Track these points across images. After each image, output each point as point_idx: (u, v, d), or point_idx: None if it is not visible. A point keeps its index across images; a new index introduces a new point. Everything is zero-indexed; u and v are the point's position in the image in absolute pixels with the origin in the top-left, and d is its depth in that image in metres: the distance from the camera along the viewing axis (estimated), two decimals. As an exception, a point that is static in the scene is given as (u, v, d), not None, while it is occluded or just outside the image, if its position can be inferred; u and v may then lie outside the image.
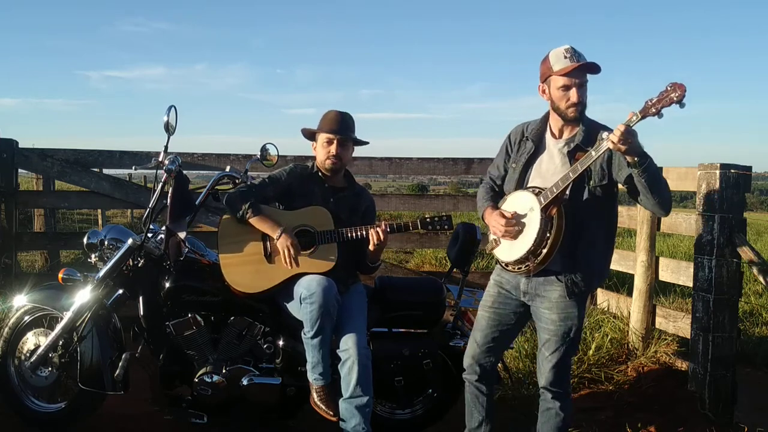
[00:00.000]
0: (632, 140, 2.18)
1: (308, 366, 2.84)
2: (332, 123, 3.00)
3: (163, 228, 3.04)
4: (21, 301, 3.14)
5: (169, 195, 2.89)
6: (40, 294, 3.15)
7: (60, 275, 3.04)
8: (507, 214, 2.50)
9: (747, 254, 3.29)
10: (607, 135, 2.25)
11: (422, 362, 3.05)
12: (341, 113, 3.02)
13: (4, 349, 3.14)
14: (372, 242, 2.88)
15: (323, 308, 2.72)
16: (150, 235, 3.01)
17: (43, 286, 3.23)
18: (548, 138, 2.57)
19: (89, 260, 3.17)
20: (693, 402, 3.43)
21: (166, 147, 2.92)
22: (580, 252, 2.46)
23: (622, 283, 5.09)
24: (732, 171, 3.34)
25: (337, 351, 2.81)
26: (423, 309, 3.12)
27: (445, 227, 2.97)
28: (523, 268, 2.48)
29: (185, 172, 3.05)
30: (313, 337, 2.77)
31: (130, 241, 2.96)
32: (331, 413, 2.81)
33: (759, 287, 6.22)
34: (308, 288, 2.76)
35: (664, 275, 4.06)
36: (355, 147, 3.11)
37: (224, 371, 2.94)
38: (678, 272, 3.93)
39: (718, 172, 3.34)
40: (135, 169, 5.20)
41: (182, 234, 2.94)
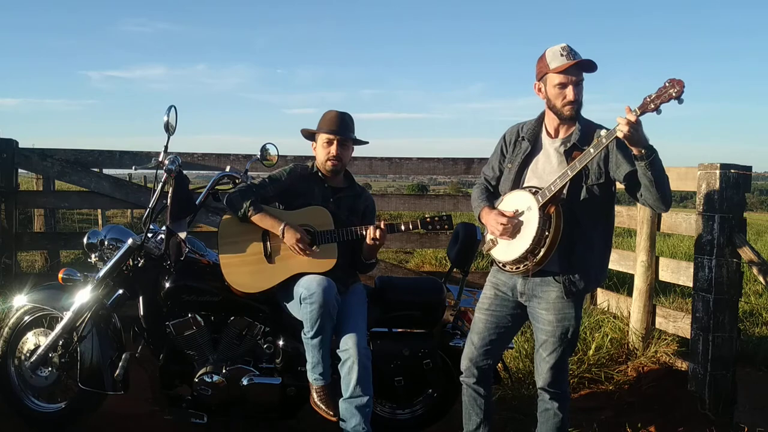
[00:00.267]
0: (640, 128, 2.18)
1: (308, 366, 2.84)
2: (332, 123, 3.00)
3: (163, 228, 3.04)
4: (21, 301, 3.14)
5: (169, 195, 2.89)
6: (40, 294, 3.15)
7: (60, 275, 3.04)
8: (506, 213, 2.50)
9: (747, 254, 3.29)
10: (606, 132, 2.25)
11: (422, 362, 3.05)
12: (340, 113, 3.02)
13: (4, 349, 3.14)
14: (369, 237, 2.87)
15: (323, 308, 2.72)
16: (150, 235, 3.01)
17: (43, 286, 3.23)
18: (544, 137, 2.56)
19: (89, 260, 3.17)
20: (693, 402, 3.43)
21: (166, 147, 2.92)
22: (578, 252, 2.46)
23: (622, 283, 5.09)
24: (732, 171, 3.34)
25: (337, 351, 2.81)
26: (423, 309, 3.11)
27: (445, 227, 2.97)
28: (521, 268, 2.47)
29: (185, 172, 3.05)
30: (313, 337, 2.77)
31: (130, 241, 2.96)
32: (331, 413, 2.81)
33: (759, 287, 6.22)
34: (308, 288, 2.76)
35: (664, 275, 4.06)
36: (355, 147, 3.12)
37: (224, 371, 2.94)
38: (678, 272, 3.93)
39: (718, 172, 3.35)
40: (135, 169, 5.19)
41: (183, 234, 2.94)
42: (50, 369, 3.05)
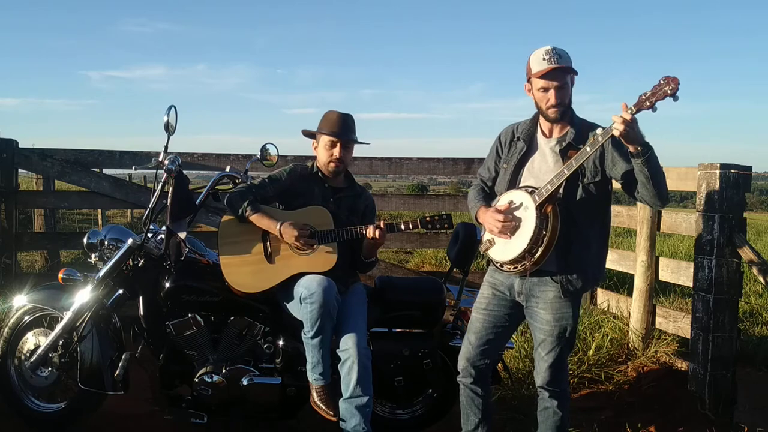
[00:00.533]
0: (636, 126, 2.18)
1: (308, 366, 2.84)
2: (335, 125, 2.99)
3: (164, 228, 3.04)
4: (21, 301, 3.14)
5: (170, 195, 2.89)
6: (40, 294, 3.15)
7: (60, 275, 3.04)
8: (502, 210, 2.50)
9: (747, 254, 3.29)
10: (602, 131, 2.25)
11: (422, 362, 3.05)
12: (343, 115, 3.01)
13: (4, 349, 3.14)
14: (368, 237, 2.87)
15: (323, 308, 2.72)
16: (150, 235, 3.01)
17: (43, 286, 3.23)
18: (539, 137, 2.56)
19: (89, 260, 3.17)
20: (693, 402, 3.42)
21: (166, 147, 2.92)
22: (575, 252, 2.46)
23: (622, 283, 5.09)
24: (732, 171, 3.34)
25: (337, 351, 2.81)
26: (423, 309, 3.11)
27: (445, 226, 2.97)
28: (519, 268, 2.47)
29: (185, 172, 3.05)
30: (313, 337, 2.77)
31: (130, 241, 2.96)
32: (331, 413, 2.81)
33: (759, 287, 6.22)
34: (308, 288, 2.76)
35: (664, 275, 4.06)
36: (356, 146, 3.12)
37: (224, 371, 2.94)
38: (678, 272, 3.93)
39: (718, 172, 3.35)
40: (135, 169, 5.20)
41: (183, 234, 2.94)
42: (50, 369, 3.05)
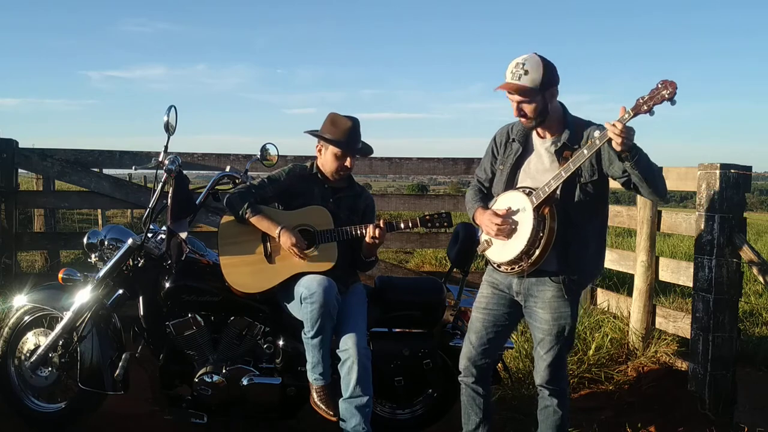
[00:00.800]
0: (631, 135, 2.17)
1: (308, 366, 2.84)
2: (347, 137, 2.93)
3: (164, 228, 3.04)
4: (21, 301, 3.14)
5: (170, 195, 2.89)
6: (40, 294, 3.15)
7: (60, 275, 3.04)
8: (500, 212, 2.50)
9: (747, 254, 3.29)
10: (600, 134, 2.24)
11: (422, 362, 3.05)
12: (353, 125, 2.94)
13: (4, 349, 3.14)
14: (368, 236, 2.87)
15: (323, 308, 2.72)
16: (150, 235, 3.01)
17: (43, 286, 3.23)
18: (535, 138, 2.56)
19: (89, 260, 3.17)
20: (693, 402, 3.42)
21: (166, 147, 2.92)
22: (574, 251, 2.46)
23: (622, 283, 5.09)
24: (732, 171, 3.34)
25: (337, 351, 2.81)
26: (423, 309, 3.11)
27: (445, 224, 2.97)
28: (516, 269, 2.47)
29: (185, 172, 3.05)
30: (313, 337, 2.77)
31: (130, 241, 2.96)
32: (331, 413, 2.81)
33: (759, 287, 6.22)
34: (308, 288, 2.76)
35: (664, 275, 4.06)
36: None
37: (224, 371, 2.94)
38: (678, 272, 3.93)
39: (718, 172, 3.35)
40: (135, 169, 5.20)
41: (183, 234, 2.95)
42: (50, 369, 3.05)
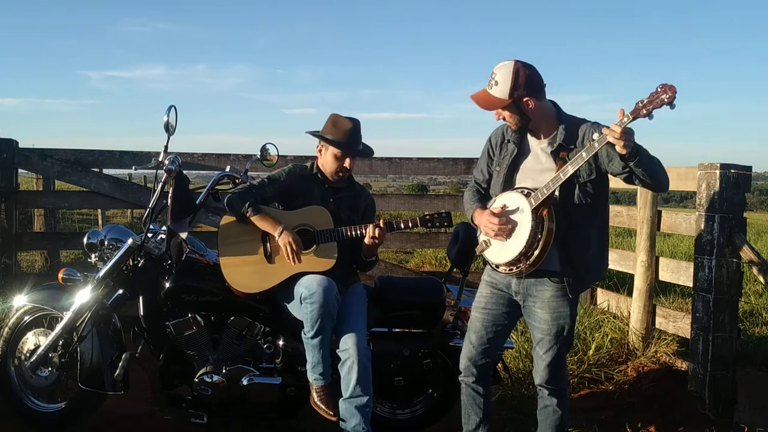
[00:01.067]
0: (632, 137, 2.16)
1: (308, 366, 2.84)
2: (348, 138, 2.94)
3: (164, 228, 3.04)
4: (21, 301, 3.14)
5: (170, 195, 2.89)
6: (40, 294, 3.15)
7: (60, 275, 3.04)
8: (497, 213, 2.50)
9: (747, 254, 3.29)
10: (598, 137, 2.23)
11: (422, 362, 3.05)
12: (354, 125, 2.95)
13: (4, 349, 3.14)
14: (368, 236, 2.87)
15: (323, 308, 2.72)
16: (150, 235, 3.01)
17: (43, 286, 3.23)
18: (530, 138, 2.56)
19: (89, 260, 3.17)
20: (693, 402, 3.42)
21: (166, 147, 2.92)
22: (575, 251, 2.45)
23: (622, 283, 5.09)
24: (732, 171, 3.34)
25: (337, 351, 2.81)
26: (423, 309, 3.11)
27: (445, 224, 2.97)
28: (515, 270, 2.47)
29: (185, 172, 3.05)
30: (313, 337, 2.77)
31: (130, 241, 2.96)
32: (331, 413, 2.81)
33: (759, 287, 6.22)
34: (308, 288, 2.76)
35: (664, 275, 4.06)
36: None
37: (224, 371, 2.94)
38: (678, 272, 3.93)
39: (718, 172, 3.35)
40: (135, 169, 5.20)
41: (183, 234, 2.95)
42: (50, 369, 3.05)
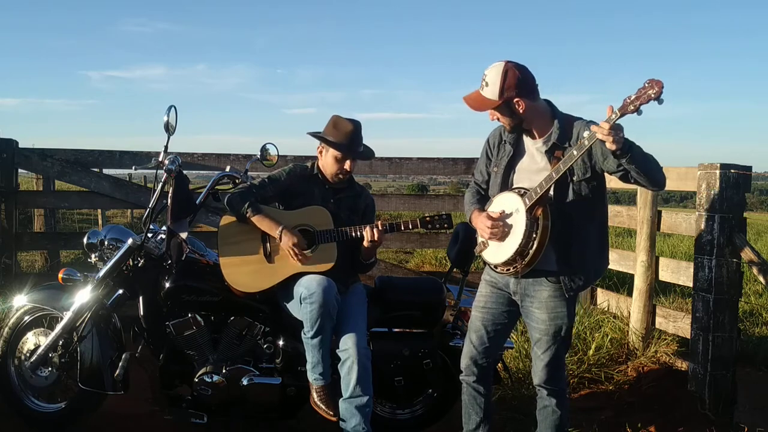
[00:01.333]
0: (621, 133, 2.14)
1: (308, 366, 2.84)
2: (348, 140, 2.94)
3: (164, 228, 3.03)
4: (21, 301, 3.14)
5: (170, 195, 2.89)
6: (40, 294, 3.15)
7: (60, 275, 3.04)
8: (493, 215, 2.50)
9: (747, 254, 3.29)
10: (588, 134, 2.22)
11: (422, 362, 3.05)
12: (355, 128, 2.95)
13: (4, 349, 3.14)
14: (366, 239, 2.87)
15: (323, 308, 2.72)
16: (150, 235, 3.01)
17: (43, 286, 3.23)
18: (526, 139, 2.56)
19: (89, 260, 3.17)
20: (693, 402, 3.42)
21: (166, 147, 2.92)
22: (574, 251, 2.45)
23: (622, 283, 5.09)
24: (732, 171, 3.34)
25: (337, 351, 2.81)
26: (423, 309, 3.12)
27: (445, 225, 2.97)
28: (511, 270, 2.48)
29: (185, 172, 3.05)
30: (313, 337, 2.77)
31: (130, 241, 2.96)
32: (331, 413, 2.81)
33: (759, 287, 6.22)
34: (308, 288, 2.76)
35: (664, 275, 4.06)
36: None
37: (224, 371, 2.94)
38: (678, 272, 3.93)
39: (718, 172, 3.35)
40: (135, 169, 5.20)
41: (184, 234, 2.95)
42: (50, 369, 3.05)
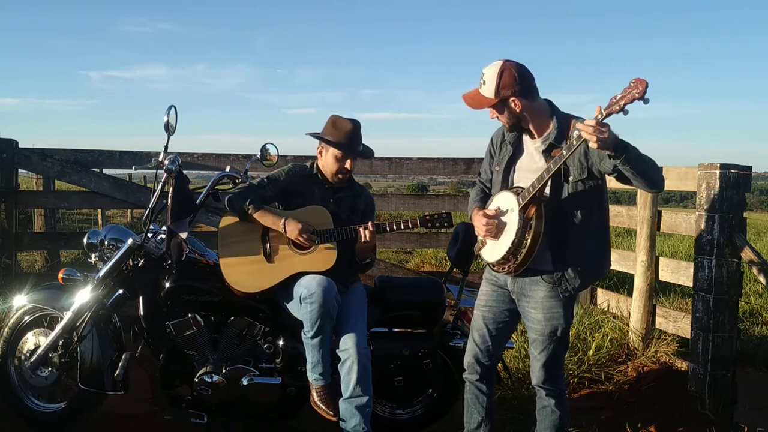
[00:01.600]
0: (605, 133, 2.12)
1: (308, 366, 2.84)
2: (348, 139, 2.95)
3: (164, 228, 3.03)
4: (21, 301, 3.14)
5: (170, 195, 2.89)
6: (40, 294, 3.15)
7: (60, 275, 3.04)
8: (489, 214, 2.52)
9: (747, 254, 3.29)
10: (576, 134, 2.21)
11: (422, 362, 3.05)
12: (355, 127, 2.96)
13: (4, 349, 3.14)
14: (361, 238, 2.88)
15: (323, 308, 2.72)
16: (150, 235, 3.01)
17: (43, 286, 3.23)
18: (525, 138, 2.56)
19: (89, 260, 3.17)
20: (693, 402, 3.42)
21: (166, 147, 2.92)
22: (570, 252, 2.44)
23: (622, 283, 5.09)
24: (732, 171, 3.34)
25: (337, 351, 2.81)
26: (423, 309, 3.12)
27: (445, 224, 2.97)
28: (506, 269, 2.49)
29: (185, 172, 3.05)
30: (313, 337, 2.77)
31: (130, 241, 2.96)
32: (331, 413, 2.81)
33: (759, 287, 6.22)
34: (308, 288, 2.76)
35: (664, 275, 4.06)
36: None
37: (224, 371, 2.94)
38: (678, 272, 3.93)
39: (718, 172, 3.35)
40: (135, 169, 5.20)
41: (184, 234, 2.95)
42: (50, 369, 3.05)
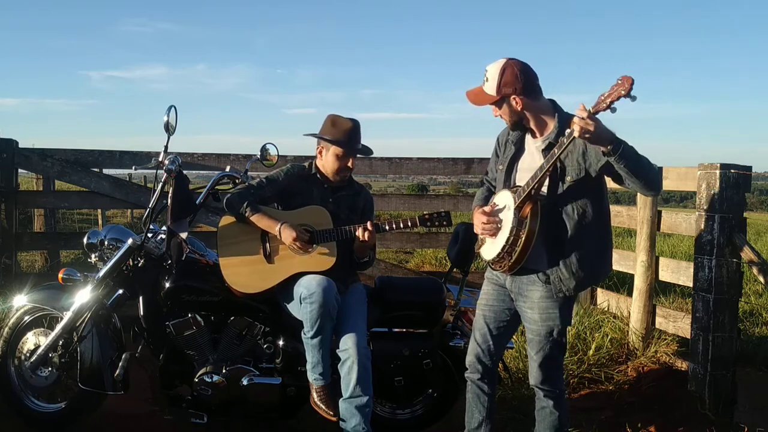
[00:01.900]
0: (595, 128, 2.12)
1: (308, 366, 2.84)
2: (348, 137, 2.96)
3: (164, 228, 3.03)
4: (21, 301, 3.14)
5: (170, 195, 2.89)
6: (40, 294, 3.15)
7: (60, 275, 3.04)
8: (488, 212, 2.52)
9: (747, 254, 3.29)
10: (568, 132, 2.22)
11: (422, 362, 3.05)
12: (354, 125, 2.97)
13: (4, 349, 3.14)
14: (359, 238, 2.88)
15: (323, 308, 2.72)
16: (150, 235, 3.01)
17: (43, 286, 3.23)
18: (528, 138, 2.57)
19: (89, 260, 3.17)
20: (693, 402, 3.42)
21: (166, 147, 2.92)
22: (566, 252, 2.43)
23: (622, 283, 5.09)
24: (732, 171, 3.34)
25: (337, 351, 2.81)
26: (423, 309, 3.11)
27: (444, 223, 2.97)
28: (502, 267, 2.50)
29: (185, 172, 3.05)
30: (313, 337, 2.77)
31: (130, 241, 2.96)
32: (331, 413, 2.81)
33: (759, 287, 6.22)
34: (308, 288, 2.76)
35: (664, 275, 4.06)
36: None
37: (224, 371, 2.94)
38: (678, 272, 3.93)
39: (718, 172, 3.35)
40: (135, 169, 5.20)
41: (184, 234, 2.95)
42: (50, 369, 3.05)
